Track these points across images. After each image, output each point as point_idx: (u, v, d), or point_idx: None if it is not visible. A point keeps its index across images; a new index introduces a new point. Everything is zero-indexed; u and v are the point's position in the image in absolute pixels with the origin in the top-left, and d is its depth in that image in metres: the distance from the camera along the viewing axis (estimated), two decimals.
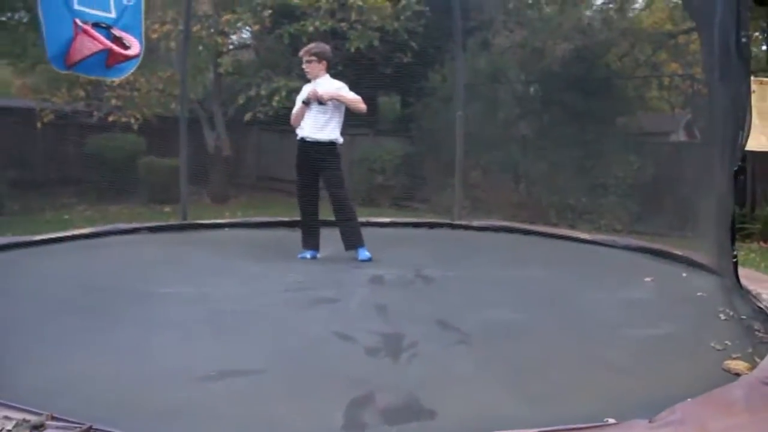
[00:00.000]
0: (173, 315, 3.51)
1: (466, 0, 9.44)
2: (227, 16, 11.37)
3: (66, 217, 10.81)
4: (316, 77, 5.48)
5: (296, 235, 5.56)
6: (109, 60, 4.67)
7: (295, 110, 5.58)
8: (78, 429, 1.90)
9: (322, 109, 5.38)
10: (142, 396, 2.28)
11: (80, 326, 3.22)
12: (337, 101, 5.39)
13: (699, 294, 3.80)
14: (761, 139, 2.72)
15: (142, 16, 5.04)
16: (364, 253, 5.32)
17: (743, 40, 2.69)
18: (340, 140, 5.55)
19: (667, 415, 1.92)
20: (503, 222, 7.30)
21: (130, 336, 3.12)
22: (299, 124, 5.53)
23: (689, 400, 2.06)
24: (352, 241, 5.40)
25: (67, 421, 1.94)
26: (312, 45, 5.67)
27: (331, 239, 5.47)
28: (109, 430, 1.93)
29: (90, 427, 1.89)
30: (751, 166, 10.10)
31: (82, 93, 11.88)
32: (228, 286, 4.22)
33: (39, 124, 11.86)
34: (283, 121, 12.72)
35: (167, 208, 11.76)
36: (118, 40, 4.67)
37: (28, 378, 2.34)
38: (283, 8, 11.51)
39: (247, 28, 12.86)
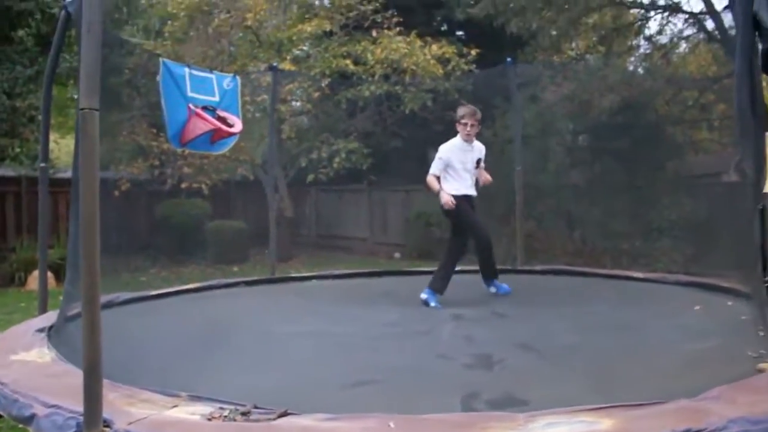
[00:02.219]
0: (303, 345, 4.23)
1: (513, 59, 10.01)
2: (289, 86, 12.12)
3: (143, 279, 11.37)
4: (473, 142, 6.05)
5: (373, 282, 6.15)
6: (214, 137, 5.37)
7: (433, 181, 6.02)
8: (276, 413, 2.44)
9: (473, 174, 6.07)
10: (306, 398, 2.82)
11: (234, 353, 3.97)
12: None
13: (742, 318, 4.19)
14: None
15: (239, 96, 5.76)
16: (502, 287, 5.98)
17: (758, 101, 3.19)
18: None
19: (706, 394, 2.39)
20: (563, 266, 7.71)
21: (277, 359, 3.87)
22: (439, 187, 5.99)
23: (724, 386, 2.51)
24: (491, 272, 6.08)
25: (267, 409, 2.50)
26: (473, 108, 6.13)
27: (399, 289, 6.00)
28: (299, 413, 2.47)
29: (286, 411, 2.42)
30: None
31: (156, 162, 12.67)
32: (335, 325, 4.88)
33: (116, 193, 12.61)
34: (342, 182, 13.52)
35: (235, 268, 12.40)
36: (222, 120, 5.38)
37: (219, 388, 2.89)
38: (341, 75, 12.25)
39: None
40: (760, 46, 3.11)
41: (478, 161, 6.11)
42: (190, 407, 2.55)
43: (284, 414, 2.43)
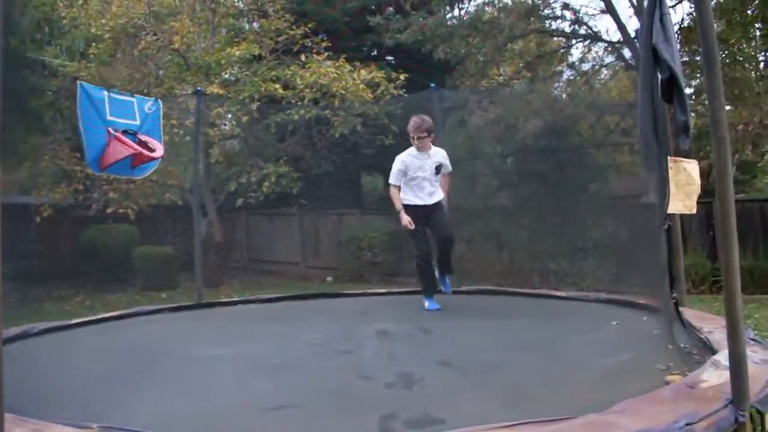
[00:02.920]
0: (225, 369, 4.18)
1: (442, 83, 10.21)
2: (217, 110, 12.03)
3: (66, 308, 11.01)
4: (428, 150, 6.06)
5: (301, 305, 6.13)
6: (135, 161, 5.27)
7: (395, 196, 6.22)
8: None
9: (434, 181, 6.12)
10: (225, 425, 2.86)
11: (153, 381, 3.87)
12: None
13: (655, 332, 4.41)
14: (678, 204, 3.36)
15: (161, 120, 5.69)
16: (447, 285, 6.24)
17: (660, 128, 3.39)
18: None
19: (613, 408, 2.49)
20: (489, 286, 7.85)
21: (197, 385, 3.80)
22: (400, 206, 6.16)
23: (630, 399, 2.61)
24: (448, 267, 6.29)
25: None
26: (418, 120, 6.10)
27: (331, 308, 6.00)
28: None
29: None
30: None
31: (80, 187, 12.34)
32: (259, 347, 4.86)
33: (38, 219, 12.23)
34: (272, 206, 13.44)
35: (164, 295, 12.13)
36: (143, 144, 5.29)
37: (135, 417, 2.85)
38: (270, 99, 12.24)
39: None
40: (659, 76, 3.28)
41: (438, 167, 6.15)
42: None
43: None
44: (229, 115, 12.75)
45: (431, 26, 12.62)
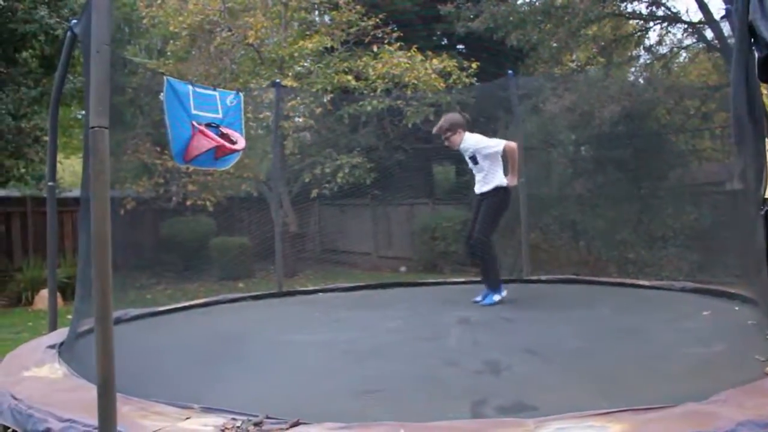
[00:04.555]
0: (312, 354, 4.29)
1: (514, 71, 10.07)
2: (291, 102, 12.19)
3: (148, 296, 11.38)
4: (459, 145, 6.11)
5: (380, 292, 6.23)
6: (217, 153, 5.41)
7: None
8: (288, 423, 2.46)
9: (477, 170, 6.08)
10: (317, 408, 2.85)
11: (244, 364, 4.00)
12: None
13: (749, 322, 4.23)
14: None
15: (242, 113, 5.81)
16: (489, 299, 5.90)
17: (755, 108, 3.22)
18: (504, 183, 6.08)
19: (714, 397, 2.41)
20: (570, 275, 7.75)
21: (287, 369, 3.90)
22: None
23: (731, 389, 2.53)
24: (482, 276, 6.10)
25: (279, 419, 2.52)
26: (440, 122, 6.18)
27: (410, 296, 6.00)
28: (311, 422, 2.50)
29: (298, 421, 2.44)
30: None
31: (161, 180, 12.72)
32: (344, 333, 4.95)
33: (122, 211, 12.65)
34: (346, 196, 13.56)
35: (241, 284, 12.43)
36: (225, 136, 5.42)
37: (230, 399, 2.92)
38: (342, 90, 12.34)
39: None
40: (756, 55, 3.13)
41: (472, 158, 6.12)
42: (203, 419, 2.58)
43: (296, 424, 2.45)
44: (302, 107, 12.89)
45: (503, 13, 12.46)
